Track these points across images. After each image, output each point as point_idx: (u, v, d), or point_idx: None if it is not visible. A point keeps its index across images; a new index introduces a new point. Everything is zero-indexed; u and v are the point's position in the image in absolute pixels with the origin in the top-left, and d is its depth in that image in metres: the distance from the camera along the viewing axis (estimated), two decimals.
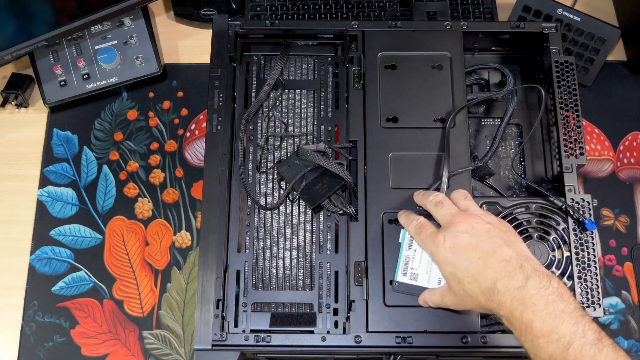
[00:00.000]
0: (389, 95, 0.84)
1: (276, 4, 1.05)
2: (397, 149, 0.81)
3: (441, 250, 0.66)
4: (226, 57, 0.86)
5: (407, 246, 0.74)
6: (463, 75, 0.85)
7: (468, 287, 0.64)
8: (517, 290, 0.61)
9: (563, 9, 1.01)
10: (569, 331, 0.58)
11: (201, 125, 1.00)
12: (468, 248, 0.65)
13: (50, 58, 1.00)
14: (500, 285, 0.62)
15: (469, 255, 0.64)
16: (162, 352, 0.89)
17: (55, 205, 0.96)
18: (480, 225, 0.66)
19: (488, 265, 0.63)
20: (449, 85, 0.84)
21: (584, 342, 0.57)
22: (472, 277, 0.64)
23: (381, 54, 0.85)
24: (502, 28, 0.90)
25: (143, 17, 1.02)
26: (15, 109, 1.02)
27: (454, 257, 0.65)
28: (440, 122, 0.83)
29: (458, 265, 0.65)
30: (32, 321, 0.90)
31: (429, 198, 0.72)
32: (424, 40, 0.86)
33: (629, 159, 0.99)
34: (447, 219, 0.68)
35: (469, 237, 0.65)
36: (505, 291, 0.61)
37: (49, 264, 0.93)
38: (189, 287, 0.92)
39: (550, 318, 0.59)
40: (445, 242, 0.66)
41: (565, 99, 0.84)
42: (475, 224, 0.66)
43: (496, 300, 0.62)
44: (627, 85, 1.03)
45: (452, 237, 0.66)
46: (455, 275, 0.65)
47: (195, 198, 0.96)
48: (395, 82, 0.84)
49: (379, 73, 0.85)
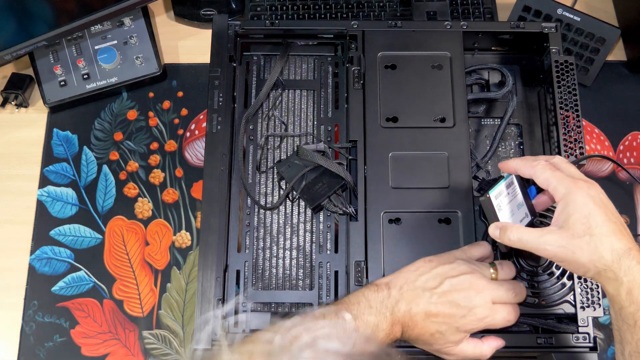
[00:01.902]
0: (389, 95, 0.84)
1: (276, 4, 1.05)
2: (397, 148, 0.81)
3: (582, 193, 0.63)
4: (226, 57, 0.87)
5: (497, 205, 0.69)
6: (463, 75, 0.85)
7: (599, 238, 0.61)
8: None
9: (563, 9, 1.01)
10: None
11: (201, 125, 1.00)
12: (609, 207, 0.63)
13: (50, 58, 1.00)
14: (635, 254, 0.60)
15: (610, 215, 0.62)
16: (162, 352, 0.89)
17: (55, 205, 0.96)
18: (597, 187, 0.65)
19: (625, 233, 0.62)
20: (449, 85, 0.84)
21: None
22: (608, 231, 0.61)
23: (381, 54, 0.85)
24: (502, 28, 0.90)
25: (143, 17, 1.02)
26: (15, 109, 1.02)
27: (594, 206, 0.62)
28: (441, 121, 0.83)
29: (597, 215, 0.61)
30: (32, 321, 0.90)
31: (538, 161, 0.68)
32: (423, 40, 0.87)
33: (629, 159, 0.99)
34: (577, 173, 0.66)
35: (608, 201, 0.63)
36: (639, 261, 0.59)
37: (49, 264, 0.93)
38: (189, 287, 0.92)
39: None
40: (590, 190, 0.63)
41: (565, 99, 0.84)
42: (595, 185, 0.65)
43: (626, 264, 0.59)
44: (627, 85, 1.03)
45: (595, 190, 0.64)
46: (589, 222, 0.61)
47: (195, 198, 0.96)
48: (395, 81, 0.84)
49: (379, 73, 0.85)
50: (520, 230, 0.65)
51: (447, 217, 0.79)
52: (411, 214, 0.79)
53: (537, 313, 0.77)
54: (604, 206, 0.63)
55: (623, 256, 0.60)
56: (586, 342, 0.74)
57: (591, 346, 0.74)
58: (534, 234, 0.64)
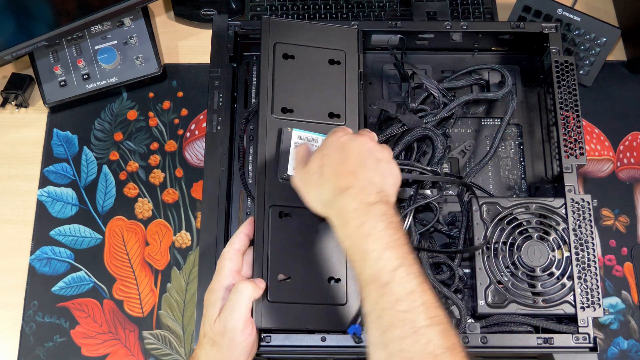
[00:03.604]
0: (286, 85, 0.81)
1: (276, 4, 1.05)
2: None
3: (333, 138, 0.68)
4: (226, 57, 0.86)
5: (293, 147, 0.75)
6: (356, 72, 0.83)
7: (324, 176, 0.66)
8: (367, 205, 0.62)
9: (563, 9, 1.01)
10: (400, 256, 0.59)
11: (201, 125, 1.00)
12: (353, 153, 0.66)
13: (50, 58, 1.00)
14: (354, 192, 0.63)
15: (349, 158, 0.66)
16: (162, 352, 0.89)
17: (55, 205, 0.96)
18: (379, 153, 0.68)
19: (356, 174, 0.65)
20: (344, 81, 0.83)
21: (411, 270, 0.59)
22: (334, 172, 0.65)
23: (278, 44, 0.83)
24: (502, 28, 0.90)
25: (143, 17, 1.02)
26: (15, 109, 1.02)
27: (336, 149, 0.67)
28: (337, 117, 0.81)
29: (333, 156, 0.67)
30: (32, 321, 0.90)
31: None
32: (323, 35, 0.85)
33: (629, 159, 0.99)
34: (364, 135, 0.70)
35: (365, 149, 0.67)
36: (356, 199, 0.62)
37: (49, 264, 0.93)
38: (189, 287, 0.92)
39: (387, 238, 0.60)
40: (344, 137, 0.68)
41: (565, 99, 0.84)
42: (368, 139, 0.68)
43: (341, 202, 0.63)
44: (627, 85, 1.03)
45: (352, 139, 0.68)
46: (321, 160, 0.67)
47: (195, 198, 0.96)
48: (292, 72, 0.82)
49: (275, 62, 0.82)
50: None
51: None
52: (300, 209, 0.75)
53: (537, 313, 0.77)
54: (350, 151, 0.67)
55: (340, 195, 0.64)
56: (586, 342, 0.74)
57: (591, 346, 0.75)
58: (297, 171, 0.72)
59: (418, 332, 0.56)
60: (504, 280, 0.78)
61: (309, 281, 0.74)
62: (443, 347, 0.56)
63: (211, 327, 0.67)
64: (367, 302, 0.60)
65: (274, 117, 0.79)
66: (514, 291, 0.77)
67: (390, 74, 0.93)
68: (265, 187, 0.76)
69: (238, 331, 0.66)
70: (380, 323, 0.58)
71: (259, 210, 0.75)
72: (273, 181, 0.76)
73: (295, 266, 0.74)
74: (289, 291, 0.73)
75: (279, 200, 0.76)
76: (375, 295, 0.59)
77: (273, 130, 0.78)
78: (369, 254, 0.60)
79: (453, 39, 0.91)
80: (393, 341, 0.56)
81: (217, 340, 0.67)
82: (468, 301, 0.81)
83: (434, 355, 0.55)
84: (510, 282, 0.78)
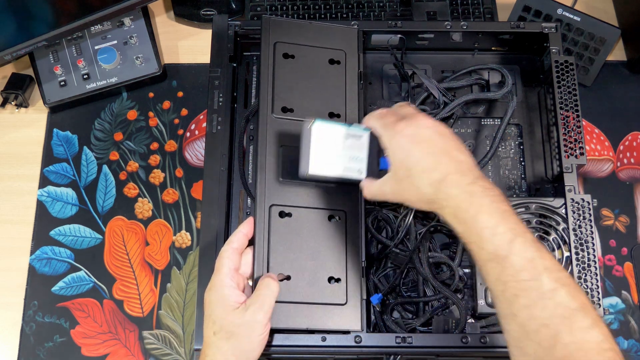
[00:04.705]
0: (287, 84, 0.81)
1: (276, 4, 1.05)
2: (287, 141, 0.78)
3: (399, 137, 0.66)
4: (226, 57, 0.86)
5: (316, 139, 0.70)
6: (357, 72, 0.84)
7: (417, 176, 0.64)
8: (467, 185, 0.62)
9: (563, 9, 1.01)
10: (513, 227, 0.59)
11: (201, 125, 1.00)
12: (427, 141, 0.65)
13: (50, 58, 1.00)
14: (452, 179, 0.63)
15: (427, 148, 0.65)
16: (162, 352, 0.89)
17: (55, 205, 0.96)
18: (441, 128, 0.67)
19: (442, 161, 0.64)
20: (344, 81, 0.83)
21: (526, 238, 0.59)
22: (424, 167, 0.64)
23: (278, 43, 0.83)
24: (502, 28, 0.90)
25: (143, 17, 1.02)
26: (15, 109, 1.02)
27: (411, 146, 0.65)
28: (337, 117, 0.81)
29: (412, 154, 0.65)
30: (32, 321, 0.90)
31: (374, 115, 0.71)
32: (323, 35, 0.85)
33: (629, 159, 0.99)
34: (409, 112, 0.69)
35: (431, 132, 0.66)
36: (456, 185, 0.62)
37: (49, 264, 0.93)
38: (189, 287, 0.92)
39: (497, 213, 0.60)
40: (406, 130, 0.66)
41: (565, 99, 0.84)
42: (437, 124, 0.67)
43: (445, 192, 0.63)
44: (627, 85, 1.03)
45: (415, 127, 0.66)
46: (405, 164, 0.65)
47: (195, 198, 0.96)
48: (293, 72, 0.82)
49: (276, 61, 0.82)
50: (367, 186, 0.71)
51: (335, 214, 0.77)
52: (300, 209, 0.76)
53: None
54: (423, 141, 0.65)
55: (440, 186, 0.63)
56: None
57: None
58: (375, 185, 0.70)
59: (544, 297, 0.56)
60: None
61: (309, 281, 0.74)
62: (572, 307, 0.56)
63: (229, 320, 0.67)
64: (489, 280, 0.60)
65: (274, 117, 0.79)
66: None
67: (390, 74, 0.93)
68: (266, 186, 0.76)
69: (262, 325, 0.67)
70: (505, 296, 0.58)
71: (259, 210, 0.75)
72: (273, 181, 0.76)
73: (295, 266, 0.74)
74: (289, 291, 0.73)
75: (280, 199, 0.76)
76: (497, 270, 0.59)
77: (273, 129, 0.78)
78: (483, 232, 0.60)
79: (453, 39, 0.91)
80: (521, 310, 0.57)
81: (236, 333, 0.66)
82: (468, 301, 0.81)
83: (564, 317, 0.55)
84: None
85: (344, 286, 0.74)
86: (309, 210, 0.76)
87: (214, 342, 0.67)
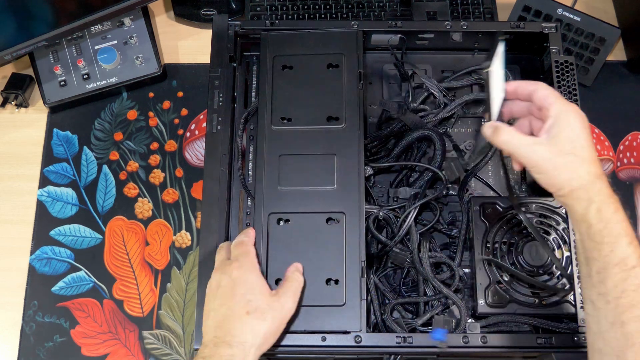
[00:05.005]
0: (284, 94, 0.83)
1: (276, 4, 1.05)
2: (286, 150, 0.80)
3: (575, 114, 0.65)
4: (226, 57, 0.86)
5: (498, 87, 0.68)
6: (357, 74, 0.83)
7: (579, 160, 0.63)
8: (612, 192, 0.63)
9: (563, 9, 1.01)
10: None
11: (201, 125, 1.00)
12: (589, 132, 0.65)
13: (50, 58, 1.00)
14: (604, 178, 0.63)
15: (591, 140, 0.65)
16: (162, 352, 0.89)
17: (55, 205, 0.96)
18: None
19: (599, 161, 0.65)
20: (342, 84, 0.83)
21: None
22: (589, 155, 0.63)
23: (276, 56, 0.85)
24: (502, 28, 0.90)
25: (143, 17, 1.02)
26: (15, 109, 1.02)
27: (584, 129, 0.64)
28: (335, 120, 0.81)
29: (582, 137, 0.64)
30: (32, 321, 0.90)
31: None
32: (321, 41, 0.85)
33: (629, 159, 0.99)
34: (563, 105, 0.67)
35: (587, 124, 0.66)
36: (607, 185, 0.63)
37: (49, 264, 0.93)
38: (189, 287, 0.92)
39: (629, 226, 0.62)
40: (582, 114, 0.66)
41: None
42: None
43: (597, 186, 0.62)
44: (627, 85, 1.03)
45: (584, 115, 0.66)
46: (574, 143, 0.64)
47: (195, 198, 0.96)
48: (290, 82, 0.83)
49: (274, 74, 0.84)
50: (512, 133, 0.66)
51: (334, 216, 0.77)
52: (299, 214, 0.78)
53: (537, 313, 0.77)
54: (589, 132, 0.65)
55: (597, 179, 0.63)
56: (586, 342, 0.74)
57: None
58: (525, 140, 0.65)
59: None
60: (504, 280, 0.78)
61: (308, 282, 0.74)
62: None
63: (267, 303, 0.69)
64: (606, 284, 0.60)
65: (273, 128, 0.81)
66: (514, 291, 0.77)
67: (390, 74, 0.93)
68: (264, 196, 0.78)
69: (291, 313, 0.71)
70: (619, 303, 0.59)
71: (257, 219, 0.77)
72: (272, 190, 0.78)
73: None
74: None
75: (278, 207, 0.78)
76: (619, 277, 0.59)
77: (272, 140, 0.80)
78: (622, 237, 0.61)
79: (453, 39, 0.91)
80: (633, 321, 0.58)
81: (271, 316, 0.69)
82: (468, 301, 0.81)
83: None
84: (511, 282, 0.78)
85: (342, 287, 0.75)
86: (307, 215, 0.77)
87: (247, 321, 0.68)
